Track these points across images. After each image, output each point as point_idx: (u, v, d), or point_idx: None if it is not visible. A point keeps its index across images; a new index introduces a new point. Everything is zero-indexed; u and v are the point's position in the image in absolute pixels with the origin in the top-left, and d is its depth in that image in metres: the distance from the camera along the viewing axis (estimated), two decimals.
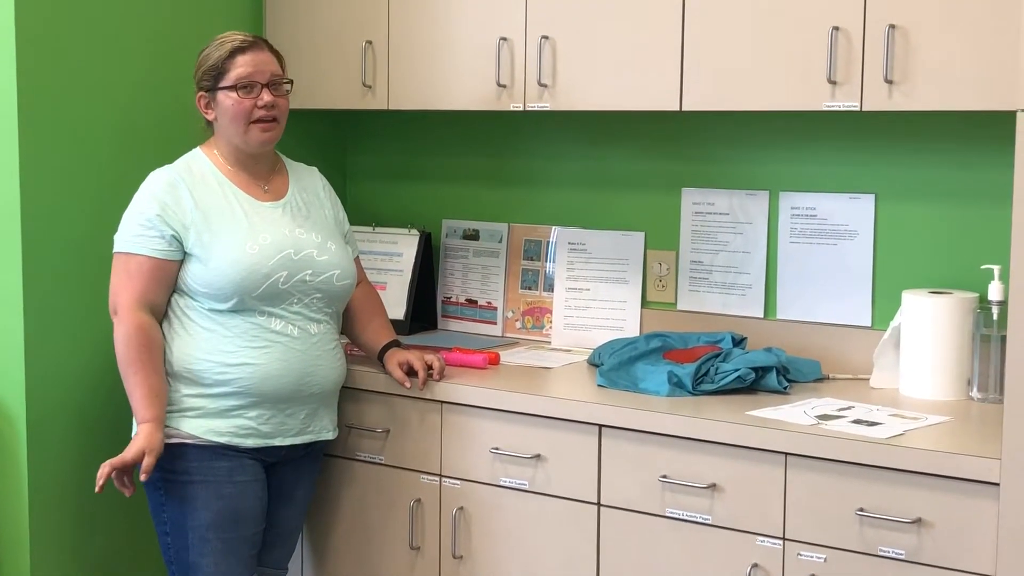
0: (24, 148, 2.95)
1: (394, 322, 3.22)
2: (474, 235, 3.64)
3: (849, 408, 2.70)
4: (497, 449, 2.90)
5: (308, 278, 2.83)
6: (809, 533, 2.52)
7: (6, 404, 3.01)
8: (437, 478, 3.00)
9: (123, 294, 2.76)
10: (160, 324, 2.80)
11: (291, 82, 2.90)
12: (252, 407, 2.79)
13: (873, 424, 2.56)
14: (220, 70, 2.81)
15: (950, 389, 2.80)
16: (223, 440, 2.78)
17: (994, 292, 2.77)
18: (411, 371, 2.97)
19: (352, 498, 3.14)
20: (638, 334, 3.29)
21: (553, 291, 3.49)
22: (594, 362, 3.14)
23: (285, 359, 2.80)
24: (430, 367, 2.97)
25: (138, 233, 2.77)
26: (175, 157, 2.91)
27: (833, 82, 2.72)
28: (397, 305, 3.51)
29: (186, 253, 2.78)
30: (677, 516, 2.67)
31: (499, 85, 3.16)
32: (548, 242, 3.52)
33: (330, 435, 2.96)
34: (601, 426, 2.75)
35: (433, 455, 3.00)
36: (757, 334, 3.15)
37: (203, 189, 2.82)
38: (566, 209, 3.51)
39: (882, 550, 2.44)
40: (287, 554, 3.06)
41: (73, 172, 3.06)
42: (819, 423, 2.57)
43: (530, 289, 3.55)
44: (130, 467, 2.71)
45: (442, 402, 2.97)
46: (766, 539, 2.57)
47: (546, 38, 3.09)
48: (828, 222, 3.11)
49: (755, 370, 2.84)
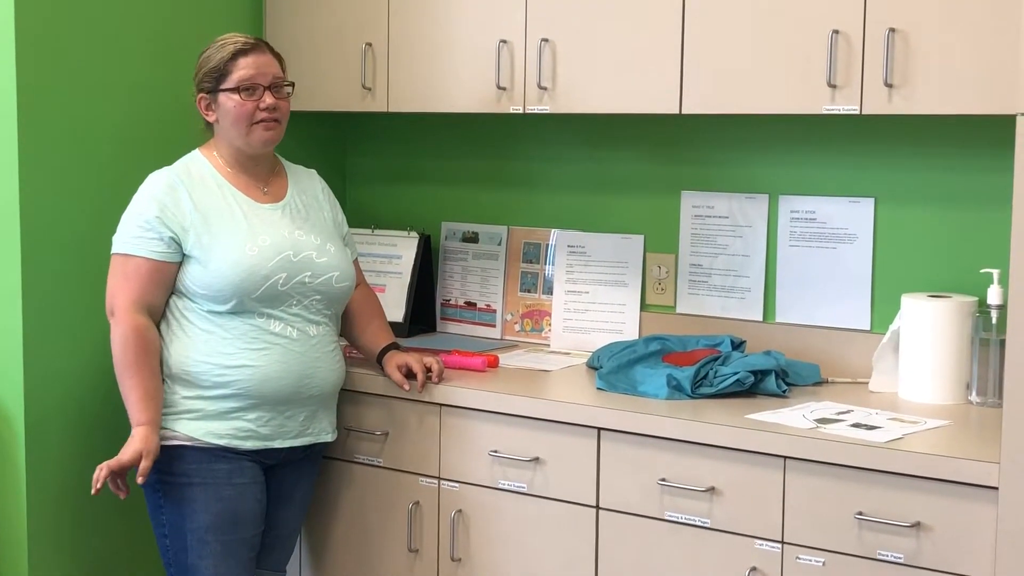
0: (24, 148, 2.95)
1: (393, 324, 3.22)
2: (473, 237, 3.64)
3: (848, 412, 2.70)
4: (496, 452, 2.90)
5: (307, 280, 2.83)
6: (808, 537, 2.52)
7: (4, 405, 3.00)
8: (436, 481, 3.00)
9: (120, 296, 2.76)
10: (158, 326, 2.80)
11: (292, 84, 2.90)
12: (251, 409, 2.79)
13: (872, 428, 2.56)
14: (222, 72, 2.81)
15: (949, 393, 2.80)
16: (222, 442, 2.78)
17: (993, 296, 2.77)
18: (410, 374, 2.97)
19: (351, 500, 3.14)
20: (637, 337, 3.29)
21: (552, 294, 3.49)
22: (593, 365, 3.14)
23: (284, 361, 2.80)
24: (429, 370, 2.97)
25: (136, 235, 2.77)
26: (175, 158, 2.90)
27: (833, 85, 2.73)
28: (396, 307, 3.51)
29: (185, 255, 2.78)
30: (676, 519, 2.67)
31: (499, 87, 3.16)
32: (547, 245, 3.52)
33: (329, 437, 2.96)
34: (600, 429, 2.75)
35: (432, 458, 3.00)
36: (756, 337, 3.15)
37: (202, 191, 2.82)
38: (565, 212, 3.50)
39: (881, 554, 2.44)
40: (286, 556, 3.05)
41: (73, 172, 3.06)
42: (818, 427, 2.57)
43: (529, 292, 3.55)
44: (126, 469, 2.70)
45: (441, 405, 2.96)
46: (765, 543, 2.57)
47: (546, 41, 3.09)
48: (827, 226, 3.11)
49: (754, 373, 2.84)
